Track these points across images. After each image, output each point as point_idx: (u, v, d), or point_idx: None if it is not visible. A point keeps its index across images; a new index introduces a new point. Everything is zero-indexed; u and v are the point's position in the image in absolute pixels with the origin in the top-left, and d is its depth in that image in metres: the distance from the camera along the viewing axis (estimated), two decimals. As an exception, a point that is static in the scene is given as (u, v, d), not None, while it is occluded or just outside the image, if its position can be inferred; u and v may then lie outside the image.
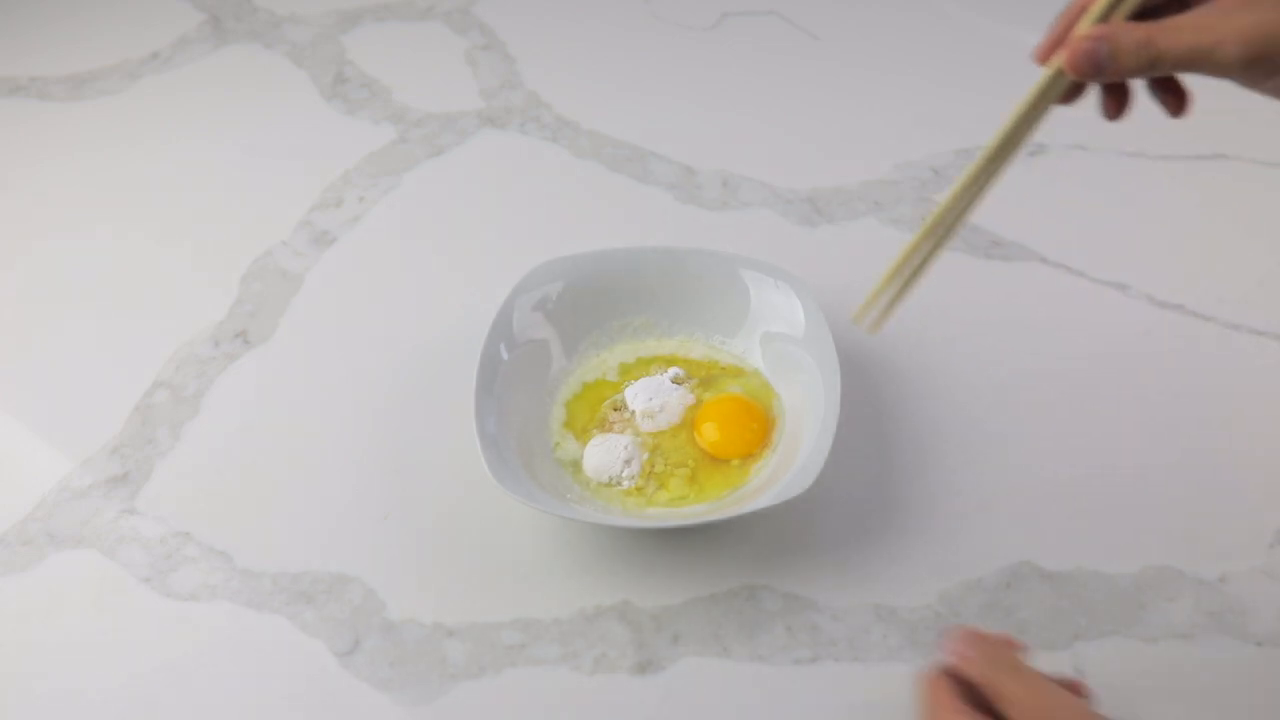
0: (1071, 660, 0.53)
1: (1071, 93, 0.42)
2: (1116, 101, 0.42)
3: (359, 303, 0.70)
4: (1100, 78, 0.40)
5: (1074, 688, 0.43)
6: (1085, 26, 0.40)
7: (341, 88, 0.86)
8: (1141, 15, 0.40)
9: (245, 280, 0.71)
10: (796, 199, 0.76)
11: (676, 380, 0.62)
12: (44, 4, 0.95)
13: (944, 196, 0.46)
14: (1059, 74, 0.41)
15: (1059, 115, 0.43)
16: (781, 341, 0.62)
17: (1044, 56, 0.41)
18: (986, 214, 0.74)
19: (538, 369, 0.63)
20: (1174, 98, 0.42)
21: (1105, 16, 0.40)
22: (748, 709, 0.51)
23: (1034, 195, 0.74)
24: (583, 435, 0.61)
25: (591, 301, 0.64)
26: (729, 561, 0.56)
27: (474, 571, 0.56)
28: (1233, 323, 0.68)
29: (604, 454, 0.59)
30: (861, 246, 0.73)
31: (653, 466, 0.59)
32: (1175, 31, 0.38)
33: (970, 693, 0.42)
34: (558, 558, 0.57)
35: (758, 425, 0.60)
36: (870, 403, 0.63)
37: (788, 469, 0.56)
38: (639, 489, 0.58)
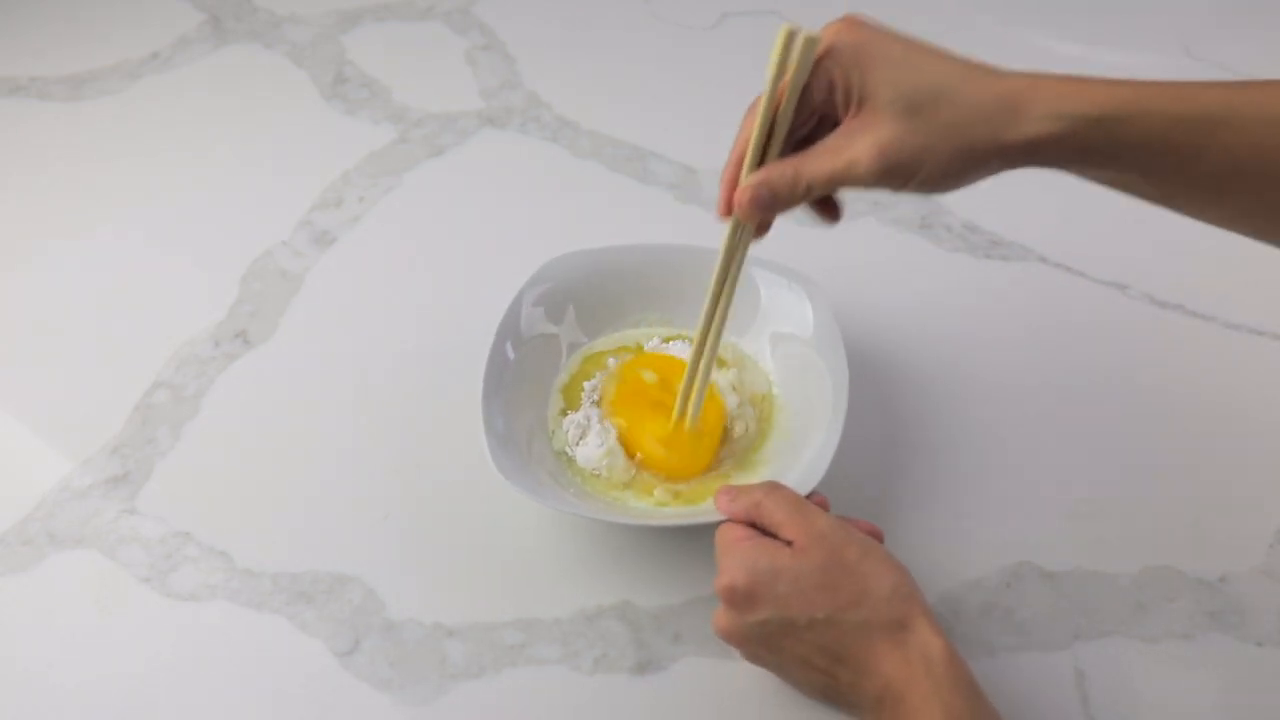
0: (1072, 660, 0.53)
1: (761, 227, 0.48)
2: (828, 211, 0.48)
3: (359, 303, 0.70)
4: (770, 215, 0.46)
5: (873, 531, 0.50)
6: (744, 177, 0.45)
7: (341, 88, 0.86)
8: (805, 142, 0.45)
9: (245, 280, 0.71)
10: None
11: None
12: (44, 4, 0.95)
13: (694, 332, 0.54)
14: (738, 222, 0.48)
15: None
16: (790, 342, 0.62)
17: (724, 211, 0.47)
18: (986, 214, 0.75)
19: (544, 368, 0.63)
20: (828, 212, 0.48)
21: (759, 164, 0.45)
22: (748, 709, 0.51)
23: (1034, 195, 0.74)
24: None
25: (600, 299, 0.64)
26: (729, 561, 0.56)
27: (474, 571, 0.56)
28: (1233, 323, 0.68)
29: (587, 447, 0.59)
30: (861, 246, 0.73)
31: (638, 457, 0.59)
32: (815, 159, 0.43)
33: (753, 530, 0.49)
34: (558, 557, 0.57)
35: (687, 449, 0.59)
36: (870, 402, 0.63)
37: (793, 468, 0.56)
38: (633, 481, 0.58)
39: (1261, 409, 0.64)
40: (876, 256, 0.73)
